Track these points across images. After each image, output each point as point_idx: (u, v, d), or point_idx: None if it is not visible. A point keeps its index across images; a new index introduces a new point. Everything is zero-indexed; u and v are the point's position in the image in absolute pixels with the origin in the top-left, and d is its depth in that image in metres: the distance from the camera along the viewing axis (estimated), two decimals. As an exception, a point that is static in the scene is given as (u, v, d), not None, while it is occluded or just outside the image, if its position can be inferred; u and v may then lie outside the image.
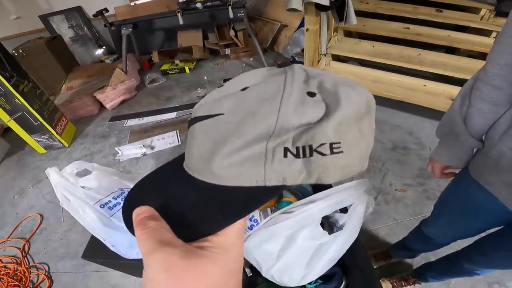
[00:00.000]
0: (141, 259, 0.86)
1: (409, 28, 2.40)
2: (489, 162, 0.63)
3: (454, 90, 2.09)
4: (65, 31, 3.65)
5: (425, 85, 2.18)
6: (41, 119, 2.24)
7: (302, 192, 0.90)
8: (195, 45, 3.44)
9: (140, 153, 2.22)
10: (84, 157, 2.38)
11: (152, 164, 2.14)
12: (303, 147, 0.21)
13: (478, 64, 2.11)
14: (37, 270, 1.58)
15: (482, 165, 0.67)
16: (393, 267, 1.37)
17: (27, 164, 2.41)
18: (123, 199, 0.83)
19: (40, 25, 3.52)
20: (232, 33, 3.46)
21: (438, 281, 1.20)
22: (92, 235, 0.94)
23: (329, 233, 0.67)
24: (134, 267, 1.01)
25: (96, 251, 0.92)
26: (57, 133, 2.38)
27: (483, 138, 0.65)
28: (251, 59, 3.52)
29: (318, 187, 0.88)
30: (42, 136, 2.36)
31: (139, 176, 1.99)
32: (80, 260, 1.57)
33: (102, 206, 0.77)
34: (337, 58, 2.62)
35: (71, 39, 3.70)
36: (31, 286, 1.52)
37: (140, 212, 0.23)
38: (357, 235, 0.66)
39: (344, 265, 0.76)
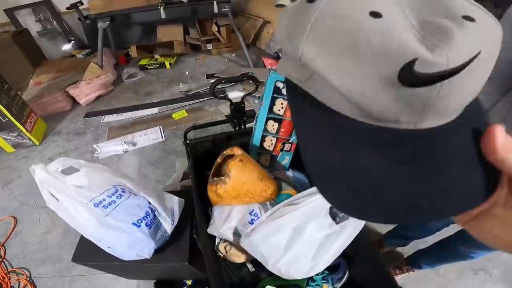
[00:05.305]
0: (139, 260, 0.81)
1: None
2: None
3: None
4: (32, 25, 3.40)
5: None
6: (9, 116, 2.07)
7: (300, 184, 0.90)
8: (176, 39, 3.33)
9: (122, 150, 2.11)
10: (58, 155, 2.22)
11: (135, 161, 2.04)
12: None
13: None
14: (17, 276, 1.48)
15: None
16: (385, 256, 1.39)
17: (-6, 164, 2.22)
18: (118, 197, 0.78)
19: (4, 19, 3.28)
20: (214, 28, 3.39)
21: (431, 267, 1.22)
22: (81, 236, 0.87)
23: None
24: (130, 269, 0.95)
25: (88, 254, 0.85)
26: (26, 130, 2.21)
27: None
28: (233, 54, 3.47)
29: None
30: (11, 134, 2.18)
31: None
32: (64, 263, 1.49)
33: (96, 205, 0.70)
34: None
35: (38, 33, 3.45)
36: (13, 292, 1.42)
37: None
38: (363, 224, 0.67)
39: (347, 255, 0.77)
